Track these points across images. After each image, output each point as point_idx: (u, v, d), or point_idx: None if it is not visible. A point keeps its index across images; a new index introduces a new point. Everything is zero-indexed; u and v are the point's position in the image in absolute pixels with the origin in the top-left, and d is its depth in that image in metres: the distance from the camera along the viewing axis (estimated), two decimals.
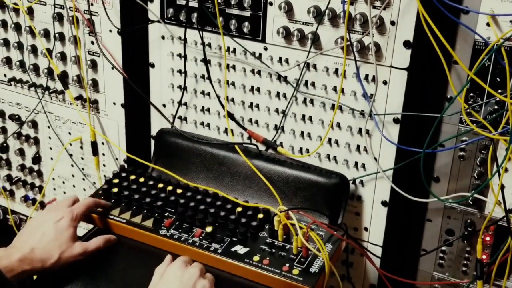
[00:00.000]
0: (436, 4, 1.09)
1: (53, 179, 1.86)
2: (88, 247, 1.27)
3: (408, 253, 1.38)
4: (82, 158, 1.77)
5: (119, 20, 1.52)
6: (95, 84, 1.64)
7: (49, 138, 1.82)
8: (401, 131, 1.28)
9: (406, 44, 1.22)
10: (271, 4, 1.33)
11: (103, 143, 1.71)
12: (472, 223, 1.29)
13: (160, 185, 1.41)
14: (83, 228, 1.81)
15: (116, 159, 1.70)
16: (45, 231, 1.25)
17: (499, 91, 1.15)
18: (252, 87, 1.43)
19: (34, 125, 1.82)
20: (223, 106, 1.47)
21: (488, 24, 1.13)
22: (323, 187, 1.36)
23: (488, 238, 1.27)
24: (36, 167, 1.89)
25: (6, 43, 1.75)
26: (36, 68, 1.73)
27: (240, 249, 1.25)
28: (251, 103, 1.44)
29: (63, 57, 1.66)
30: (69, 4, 1.57)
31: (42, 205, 1.91)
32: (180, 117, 1.56)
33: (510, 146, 1.11)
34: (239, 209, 1.33)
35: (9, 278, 1.12)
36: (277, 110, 1.42)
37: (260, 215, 1.31)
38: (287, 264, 1.21)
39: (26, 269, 1.19)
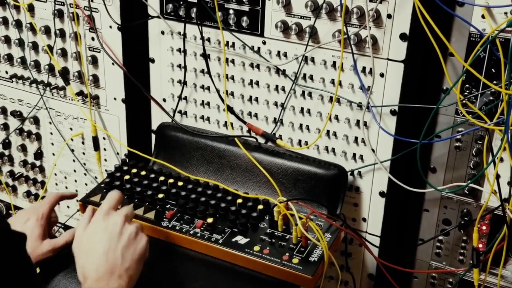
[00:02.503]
0: None
1: (55, 174, 1.87)
2: (56, 243, 1.27)
3: (405, 243, 1.40)
4: (83, 153, 1.79)
5: (119, 16, 1.54)
6: (95, 80, 1.66)
7: (51, 133, 1.83)
8: (398, 122, 1.30)
9: (403, 36, 1.24)
10: None
11: (104, 138, 1.73)
12: (468, 213, 1.31)
13: (162, 178, 1.43)
14: None
15: (117, 153, 1.72)
16: None
17: (494, 82, 1.17)
18: (251, 80, 1.45)
19: (36, 121, 1.84)
20: (222, 100, 1.49)
21: (483, 16, 1.15)
22: (322, 178, 1.38)
23: (484, 227, 1.29)
24: (38, 163, 1.91)
25: (7, 40, 1.76)
26: (37, 65, 1.75)
27: (241, 240, 1.27)
28: (250, 97, 1.46)
29: (64, 53, 1.67)
30: (69, 1, 1.59)
31: None
32: (180, 111, 1.58)
33: (505, 136, 1.13)
34: (239, 200, 1.35)
35: None
36: (276, 103, 1.44)
37: (260, 206, 1.33)
38: (287, 254, 1.23)
39: None
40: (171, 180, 1.43)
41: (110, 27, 1.56)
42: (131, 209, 1.21)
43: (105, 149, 1.74)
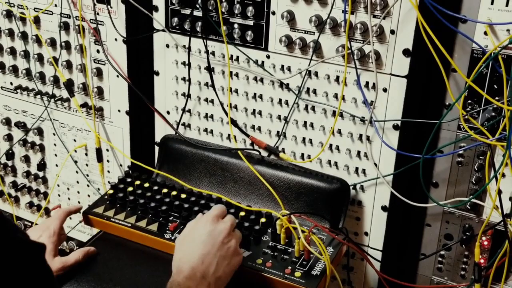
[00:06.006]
0: (435, 14, 1.13)
1: (58, 185, 1.88)
2: (67, 261, 1.28)
3: (407, 257, 1.40)
4: (86, 165, 1.80)
5: (124, 29, 1.55)
6: (100, 92, 1.67)
7: (54, 145, 1.84)
8: (401, 137, 1.31)
9: (406, 52, 1.25)
10: (273, 13, 1.37)
11: (107, 150, 1.74)
12: (470, 228, 1.32)
13: (165, 190, 1.44)
14: (87, 234, 1.84)
15: (121, 165, 1.73)
16: None
17: (496, 98, 1.18)
18: (255, 94, 1.46)
19: (40, 132, 1.85)
20: (226, 113, 1.50)
21: (485, 33, 1.16)
22: (324, 192, 1.39)
23: (486, 242, 1.29)
24: (41, 174, 1.91)
25: (13, 51, 1.78)
26: (42, 76, 1.76)
27: (243, 252, 1.27)
28: (254, 110, 1.47)
29: (69, 65, 1.69)
30: (75, 14, 1.61)
31: (47, 212, 1.94)
32: (184, 124, 1.59)
33: (507, 152, 1.13)
34: (242, 213, 1.35)
35: None
36: (279, 117, 1.45)
37: (263, 219, 1.34)
38: (289, 267, 1.23)
39: None
40: (174, 192, 1.43)
41: (116, 40, 1.58)
42: (235, 220, 1.24)
43: (108, 161, 1.75)
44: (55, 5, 1.64)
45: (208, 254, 1.13)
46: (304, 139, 1.43)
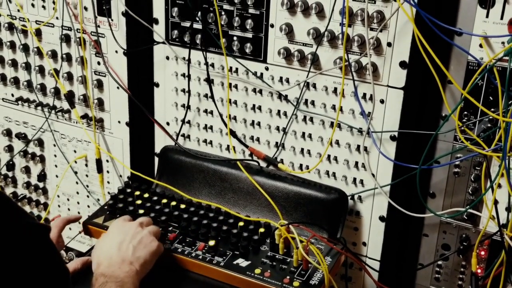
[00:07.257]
0: (431, 26, 1.14)
1: (58, 196, 1.89)
2: None
3: (405, 267, 1.41)
4: (86, 176, 1.81)
5: (125, 41, 1.57)
6: (100, 103, 1.69)
7: (55, 156, 1.85)
8: (398, 148, 1.32)
9: (402, 64, 1.26)
10: (272, 26, 1.38)
11: (107, 161, 1.75)
12: (467, 238, 1.32)
13: (164, 201, 1.45)
14: (87, 244, 1.84)
15: (120, 176, 1.74)
16: None
17: (492, 109, 1.19)
18: (254, 105, 1.47)
19: (40, 143, 1.86)
20: (225, 124, 1.51)
21: (480, 45, 1.18)
22: (322, 202, 1.40)
23: (482, 252, 1.30)
24: (41, 185, 1.92)
25: (14, 63, 1.79)
26: (43, 88, 1.78)
27: (242, 262, 1.29)
28: (253, 121, 1.49)
29: (69, 77, 1.70)
30: (76, 26, 1.63)
31: (47, 222, 1.94)
32: (183, 135, 1.60)
33: (502, 162, 1.14)
34: (241, 223, 1.36)
35: None
36: (278, 128, 1.46)
37: (262, 229, 1.35)
38: (288, 277, 1.24)
39: None
40: (173, 203, 1.44)
41: (116, 52, 1.60)
42: (149, 219, 1.34)
43: (108, 172, 1.76)
44: (57, 18, 1.65)
45: (123, 242, 1.23)
46: (302, 150, 1.45)
